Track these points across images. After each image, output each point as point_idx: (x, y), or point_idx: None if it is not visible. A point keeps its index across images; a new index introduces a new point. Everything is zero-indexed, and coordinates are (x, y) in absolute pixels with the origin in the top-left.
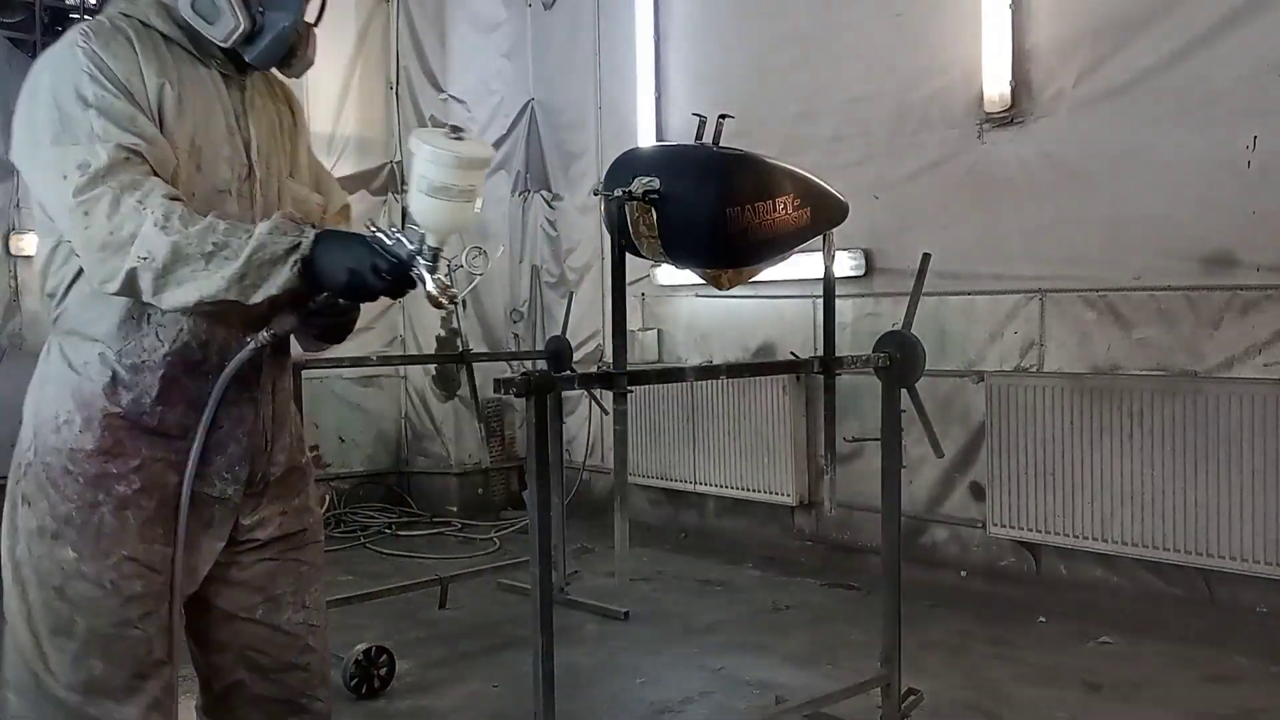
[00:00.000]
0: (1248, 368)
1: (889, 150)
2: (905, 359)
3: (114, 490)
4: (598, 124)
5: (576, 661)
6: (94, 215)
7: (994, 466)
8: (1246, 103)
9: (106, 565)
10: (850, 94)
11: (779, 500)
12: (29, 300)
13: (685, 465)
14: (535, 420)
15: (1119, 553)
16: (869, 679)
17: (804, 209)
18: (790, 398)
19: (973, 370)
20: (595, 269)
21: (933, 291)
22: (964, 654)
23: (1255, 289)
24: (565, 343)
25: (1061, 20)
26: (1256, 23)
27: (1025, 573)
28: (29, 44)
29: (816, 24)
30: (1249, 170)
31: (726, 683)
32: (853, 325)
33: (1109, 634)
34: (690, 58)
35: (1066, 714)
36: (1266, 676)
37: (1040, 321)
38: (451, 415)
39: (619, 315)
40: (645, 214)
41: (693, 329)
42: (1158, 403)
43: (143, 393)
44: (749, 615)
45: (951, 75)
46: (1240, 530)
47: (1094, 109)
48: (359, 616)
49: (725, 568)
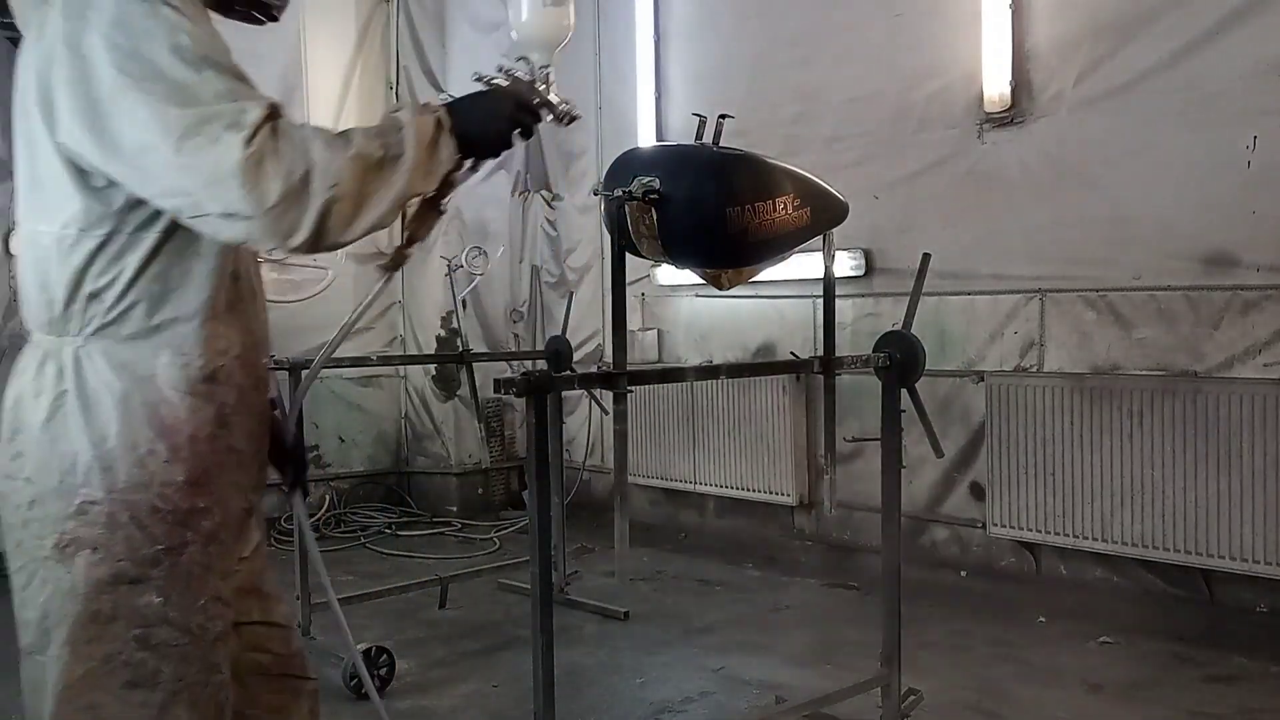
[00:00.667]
0: (1248, 368)
1: (889, 150)
2: (905, 359)
3: (201, 526)
4: (598, 124)
5: (576, 661)
6: (263, 172)
7: (994, 466)
8: (1246, 103)
9: (196, 608)
10: (850, 94)
11: (779, 500)
12: None
13: (685, 465)
14: (535, 420)
15: (1119, 553)
16: (869, 679)
17: (804, 209)
18: (790, 398)
19: (973, 370)
20: (595, 269)
21: (933, 291)
22: (964, 654)
23: (1255, 289)
24: (565, 343)
25: (1061, 20)
26: (1256, 23)
27: (1025, 573)
28: None
29: (816, 24)
30: (1249, 170)
31: (726, 683)
32: (853, 325)
33: (1109, 634)
34: (690, 58)
35: (1066, 714)
36: (1266, 676)
37: (1040, 321)
38: (451, 415)
39: (619, 315)
40: (645, 214)
41: (693, 329)
42: (1158, 403)
43: (222, 405)
44: (749, 615)
45: (951, 75)
46: (1240, 530)
47: (1094, 109)
48: (359, 616)
49: (725, 568)
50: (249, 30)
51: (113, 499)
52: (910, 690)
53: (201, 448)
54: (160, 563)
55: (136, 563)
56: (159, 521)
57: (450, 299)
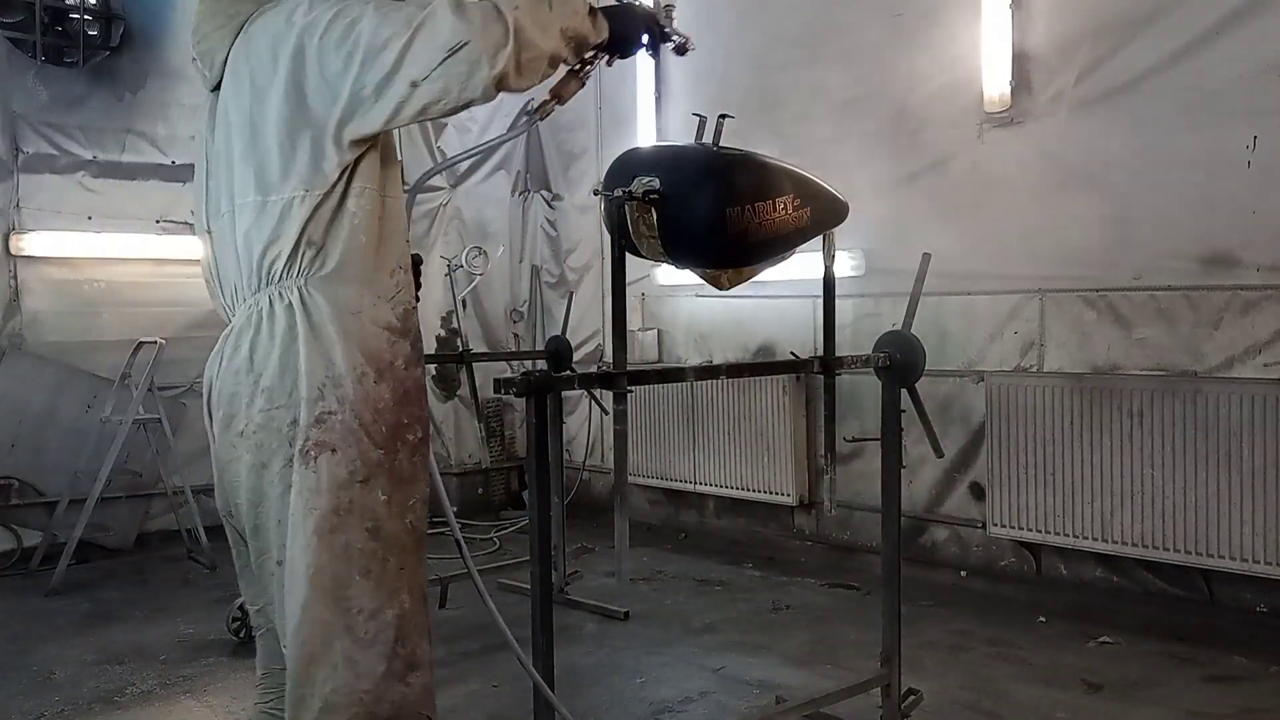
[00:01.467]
0: (1248, 368)
1: (889, 150)
2: (905, 359)
3: (406, 439)
4: (598, 124)
5: (576, 661)
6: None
7: (994, 466)
8: (1246, 103)
9: (408, 506)
10: (850, 94)
11: (779, 500)
12: (29, 300)
13: (685, 465)
14: (535, 420)
15: (1119, 553)
16: (869, 679)
17: (804, 209)
18: (790, 398)
19: (973, 370)
20: (595, 269)
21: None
22: (964, 654)
23: (1255, 289)
24: (565, 343)
25: (1061, 20)
26: (1256, 23)
27: (1025, 573)
28: (29, 44)
29: (816, 24)
30: (1249, 170)
31: (726, 683)
32: (853, 325)
33: (1109, 634)
34: (690, 58)
35: (1066, 714)
36: (1266, 676)
37: (1040, 321)
38: (451, 415)
39: (619, 315)
40: (645, 214)
41: (693, 329)
42: (1158, 403)
43: (413, 343)
44: (749, 615)
45: (951, 75)
46: (1240, 530)
47: (1094, 109)
48: None
49: (725, 568)
50: None
51: (345, 410)
52: (910, 690)
53: (401, 374)
54: (382, 465)
55: (365, 464)
56: (378, 431)
57: (450, 299)
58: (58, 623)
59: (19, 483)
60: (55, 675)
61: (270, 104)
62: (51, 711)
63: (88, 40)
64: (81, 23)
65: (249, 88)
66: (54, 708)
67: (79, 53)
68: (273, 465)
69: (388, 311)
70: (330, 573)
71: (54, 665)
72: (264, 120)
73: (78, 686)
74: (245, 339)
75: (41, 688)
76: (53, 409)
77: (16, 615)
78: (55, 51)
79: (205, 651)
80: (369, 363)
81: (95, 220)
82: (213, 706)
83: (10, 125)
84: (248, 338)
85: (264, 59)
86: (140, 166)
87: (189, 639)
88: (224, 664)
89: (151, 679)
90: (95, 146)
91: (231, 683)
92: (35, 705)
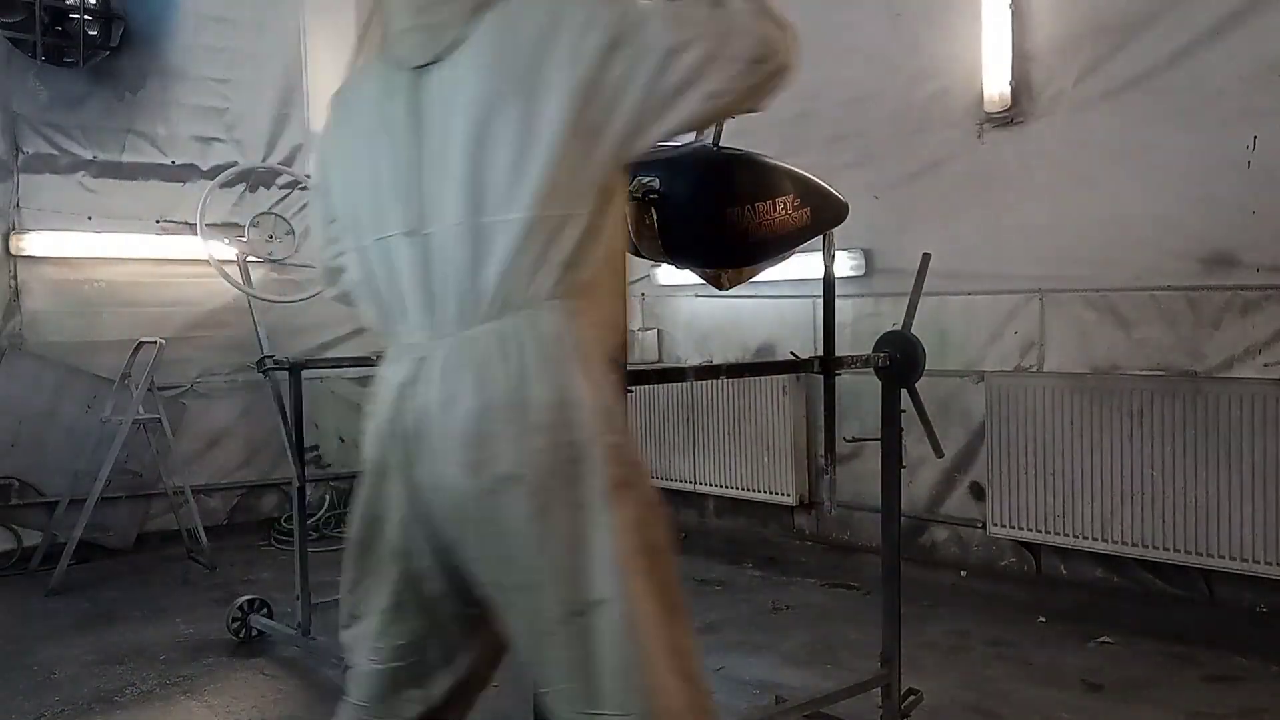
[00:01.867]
0: (1248, 368)
1: (889, 150)
2: (905, 359)
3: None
4: None
5: None
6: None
7: (994, 466)
8: (1246, 103)
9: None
10: (850, 94)
11: (779, 500)
12: (29, 300)
13: (685, 465)
14: None
15: (1119, 553)
16: (869, 679)
17: (804, 209)
18: (790, 398)
19: (973, 370)
20: None
21: (933, 291)
22: (964, 654)
23: (1255, 289)
24: None
25: (1061, 20)
26: (1256, 23)
27: (1025, 573)
28: (29, 44)
29: (816, 24)
30: (1249, 170)
31: (726, 683)
32: (853, 325)
33: (1109, 634)
34: None
35: (1066, 714)
36: (1266, 676)
37: (1040, 321)
38: None
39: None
40: (645, 214)
41: (693, 329)
42: (1158, 403)
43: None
44: (749, 615)
45: (951, 75)
46: (1240, 530)
47: (1094, 109)
48: None
49: (725, 568)
50: (249, 29)
51: (625, 439)
52: (910, 690)
53: (617, 407)
54: (651, 503)
55: (644, 504)
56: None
57: None
58: (58, 623)
59: (19, 483)
60: (55, 675)
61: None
62: (51, 711)
63: (88, 40)
64: (81, 23)
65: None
66: (54, 708)
67: (79, 53)
68: (553, 509)
69: (608, 341)
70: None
71: (54, 665)
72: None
73: (77, 686)
74: (490, 371)
75: (41, 688)
76: (53, 409)
77: (16, 615)
78: (55, 51)
79: (205, 651)
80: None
81: (95, 220)
82: (213, 706)
83: (10, 125)
84: (494, 369)
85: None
86: (140, 166)
87: (189, 639)
88: (224, 664)
89: (151, 679)
90: (95, 146)
91: (231, 683)
92: (35, 705)
